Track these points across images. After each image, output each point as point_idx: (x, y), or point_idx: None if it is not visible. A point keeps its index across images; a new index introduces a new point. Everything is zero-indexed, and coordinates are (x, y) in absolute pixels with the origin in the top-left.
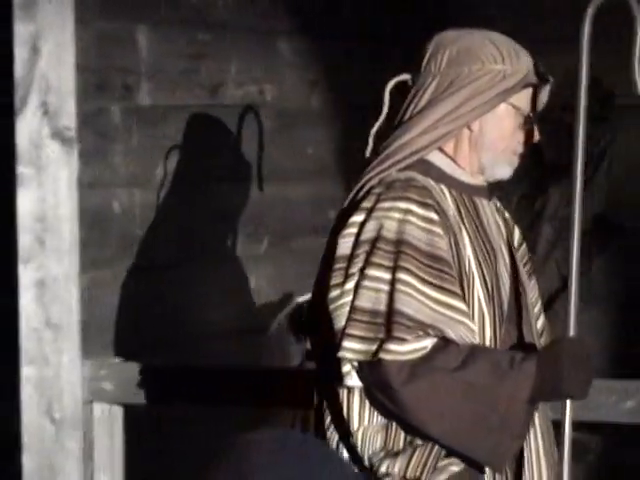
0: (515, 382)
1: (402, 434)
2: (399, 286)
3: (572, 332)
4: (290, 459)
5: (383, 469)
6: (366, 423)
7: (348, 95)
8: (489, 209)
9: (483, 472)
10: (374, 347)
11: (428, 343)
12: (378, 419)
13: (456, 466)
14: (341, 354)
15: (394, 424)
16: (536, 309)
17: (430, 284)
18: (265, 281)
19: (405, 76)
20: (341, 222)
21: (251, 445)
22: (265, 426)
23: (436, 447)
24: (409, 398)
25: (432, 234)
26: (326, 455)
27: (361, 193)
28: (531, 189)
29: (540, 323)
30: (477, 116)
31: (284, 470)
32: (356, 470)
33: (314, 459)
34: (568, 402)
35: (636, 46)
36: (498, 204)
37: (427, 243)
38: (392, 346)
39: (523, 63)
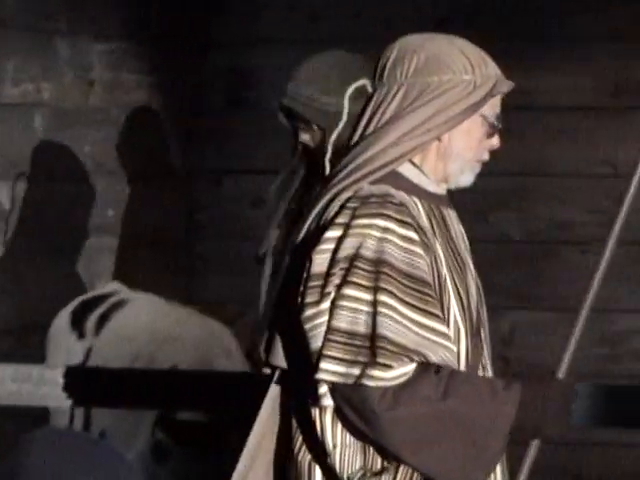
0: (495, 413)
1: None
2: (380, 309)
3: (562, 374)
4: (58, 458)
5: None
6: (344, 442)
7: (125, 94)
8: (454, 218)
9: None
10: (354, 370)
11: (411, 368)
12: (352, 439)
13: None
14: (319, 376)
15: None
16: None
17: (412, 306)
18: (42, 279)
19: (363, 81)
20: (313, 237)
21: (24, 444)
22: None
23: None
24: (389, 425)
25: (412, 254)
26: (104, 456)
27: (333, 206)
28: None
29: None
30: (449, 128)
31: (49, 469)
32: None
33: (86, 458)
34: (534, 445)
35: None
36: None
37: (407, 263)
38: (376, 372)
39: (491, 71)
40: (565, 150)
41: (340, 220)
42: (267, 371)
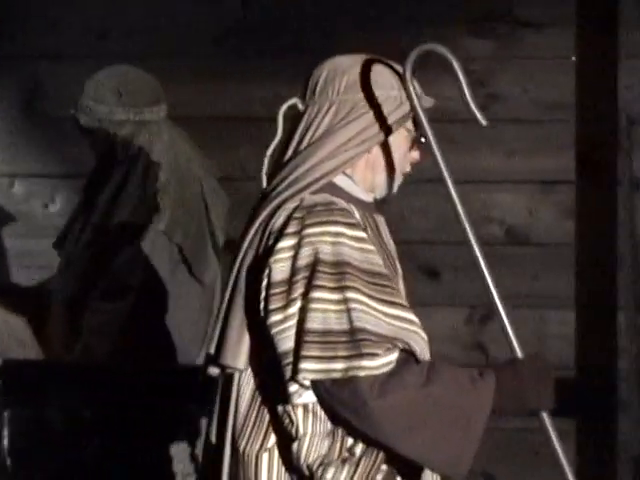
0: (476, 398)
1: (347, 442)
2: (352, 305)
3: (519, 352)
4: None
5: (328, 476)
6: (313, 431)
7: None
8: (383, 224)
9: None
10: (337, 365)
11: (395, 357)
12: (322, 427)
13: (381, 475)
14: (301, 376)
15: (339, 433)
16: None
17: (379, 300)
18: None
19: (294, 100)
20: (262, 246)
21: None
22: None
23: (379, 456)
24: (380, 413)
25: (366, 252)
26: None
27: (278, 216)
28: None
29: None
30: (379, 141)
31: None
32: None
33: None
34: (544, 414)
35: (463, 87)
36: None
37: (364, 261)
38: (365, 362)
39: (413, 87)
40: None
41: (291, 230)
42: (215, 371)
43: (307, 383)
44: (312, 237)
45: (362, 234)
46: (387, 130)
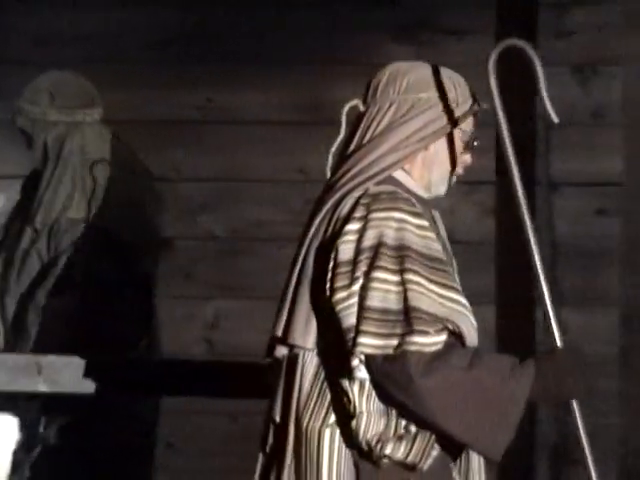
0: (516, 386)
1: (401, 420)
2: (409, 286)
3: (559, 342)
4: None
5: (387, 451)
6: (368, 409)
7: None
8: (439, 219)
9: (457, 459)
10: (392, 342)
11: (444, 338)
12: (377, 405)
13: (436, 451)
14: (359, 349)
15: (393, 412)
16: None
17: (436, 283)
18: None
19: (356, 101)
20: (329, 230)
21: None
22: None
23: (432, 435)
24: (425, 390)
25: (427, 239)
26: None
27: (344, 204)
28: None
29: None
30: (436, 138)
31: None
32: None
33: None
34: (575, 405)
35: (540, 84)
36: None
37: (425, 247)
38: (416, 338)
39: (468, 92)
40: (264, 158)
41: (357, 214)
42: (283, 351)
43: (362, 358)
44: (377, 221)
45: (424, 222)
46: (443, 130)
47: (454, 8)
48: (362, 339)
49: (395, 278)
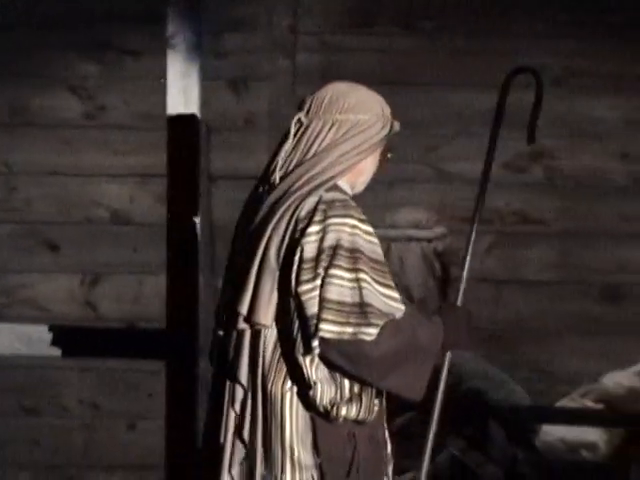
0: (432, 339)
1: (346, 384)
2: (362, 284)
3: (460, 302)
4: None
5: (343, 413)
6: (320, 378)
7: None
8: None
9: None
10: (347, 329)
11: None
12: (326, 375)
13: (377, 406)
14: (321, 334)
15: (339, 378)
16: None
17: (380, 283)
18: None
19: (300, 114)
20: (290, 228)
21: None
22: None
23: (373, 393)
24: (375, 363)
25: (373, 244)
26: None
27: (302, 207)
28: None
29: None
30: (371, 153)
31: None
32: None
33: None
34: (449, 354)
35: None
36: None
37: (371, 251)
38: (370, 330)
39: (390, 114)
40: None
41: (317, 218)
42: (244, 326)
43: (320, 339)
44: (334, 226)
45: (370, 228)
46: (375, 146)
47: (132, 32)
48: (322, 325)
49: (349, 275)
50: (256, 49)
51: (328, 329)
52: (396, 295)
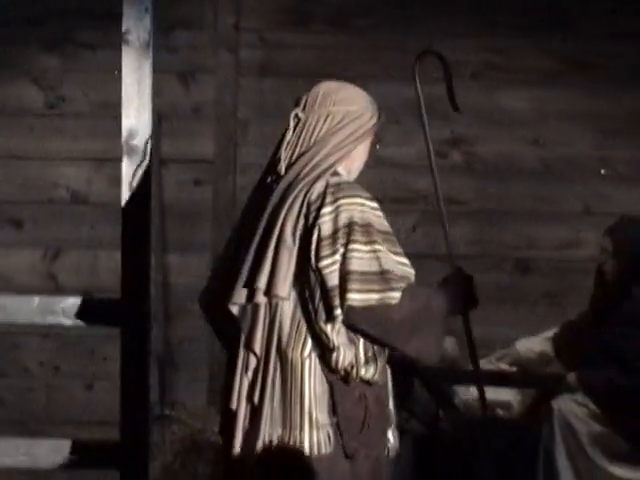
0: (441, 305)
1: (362, 349)
2: (379, 254)
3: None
4: None
5: (362, 373)
6: (341, 343)
7: None
8: None
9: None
10: (373, 296)
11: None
12: (346, 340)
13: (388, 370)
14: (349, 303)
15: (357, 342)
16: None
17: (392, 251)
18: None
19: (297, 110)
20: (304, 210)
21: None
22: None
23: (386, 356)
24: (399, 326)
25: (380, 218)
26: None
27: (312, 191)
28: None
29: None
30: (364, 140)
31: None
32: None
33: None
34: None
35: (451, 83)
36: None
37: (380, 224)
38: (394, 294)
39: (376, 107)
40: None
41: (328, 200)
42: (263, 299)
43: (344, 308)
44: (345, 206)
45: (376, 204)
46: (367, 135)
47: (90, 28)
48: (349, 295)
49: (366, 248)
50: (202, 45)
51: (355, 298)
52: (407, 261)
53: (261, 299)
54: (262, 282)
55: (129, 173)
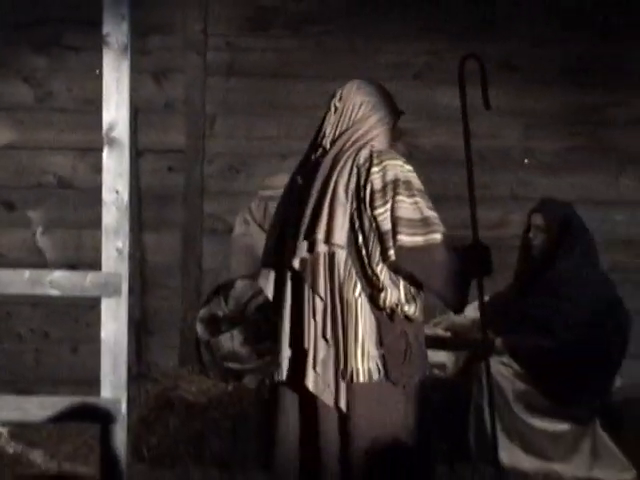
0: (466, 264)
1: (406, 290)
2: (419, 205)
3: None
4: None
5: (405, 309)
6: (389, 284)
7: None
8: None
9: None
10: (417, 238)
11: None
12: (393, 281)
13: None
14: (399, 243)
15: (401, 283)
16: None
17: (427, 206)
18: None
19: (335, 100)
20: (355, 171)
21: None
22: None
23: (423, 297)
24: (438, 267)
25: (416, 178)
26: None
27: (360, 157)
28: None
29: None
30: (388, 127)
31: None
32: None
33: None
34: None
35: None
36: None
37: (417, 183)
38: (437, 235)
39: (394, 101)
40: None
41: (375, 162)
42: (324, 249)
43: (403, 245)
44: (390, 166)
45: (411, 167)
46: (392, 120)
47: (74, 32)
48: (399, 237)
49: (409, 200)
50: (174, 48)
51: (404, 239)
52: (437, 215)
53: (321, 248)
54: (321, 234)
55: (109, 161)
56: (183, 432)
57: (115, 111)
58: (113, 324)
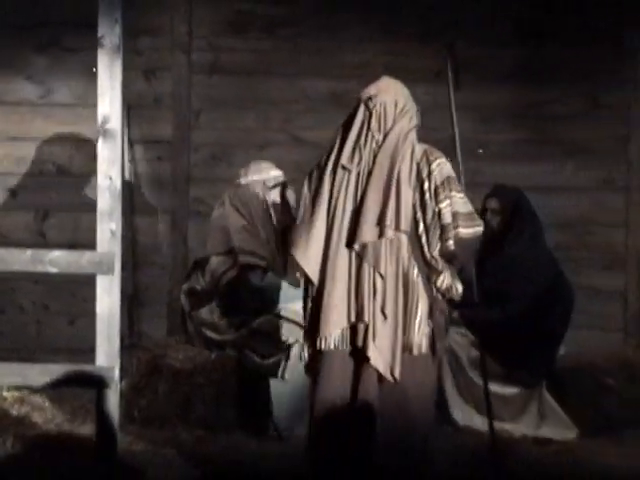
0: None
1: (450, 272)
2: (466, 200)
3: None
4: None
5: (454, 290)
6: (445, 268)
7: None
8: None
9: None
10: (470, 230)
11: None
12: (445, 266)
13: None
14: (460, 235)
15: (450, 268)
16: None
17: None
18: None
19: (372, 94)
20: (415, 165)
21: None
22: None
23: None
24: (475, 252)
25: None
26: None
27: (416, 153)
28: None
29: None
30: (418, 125)
31: None
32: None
33: None
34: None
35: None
36: None
37: (457, 179)
38: (480, 227)
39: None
40: None
41: (432, 158)
42: (392, 234)
43: (463, 237)
44: (443, 163)
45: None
46: (418, 119)
47: (72, 34)
48: (460, 229)
49: (460, 195)
50: (162, 48)
51: (463, 231)
52: None
53: (390, 234)
54: (390, 221)
55: (103, 151)
56: (171, 396)
57: (109, 106)
58: (107, 298)
